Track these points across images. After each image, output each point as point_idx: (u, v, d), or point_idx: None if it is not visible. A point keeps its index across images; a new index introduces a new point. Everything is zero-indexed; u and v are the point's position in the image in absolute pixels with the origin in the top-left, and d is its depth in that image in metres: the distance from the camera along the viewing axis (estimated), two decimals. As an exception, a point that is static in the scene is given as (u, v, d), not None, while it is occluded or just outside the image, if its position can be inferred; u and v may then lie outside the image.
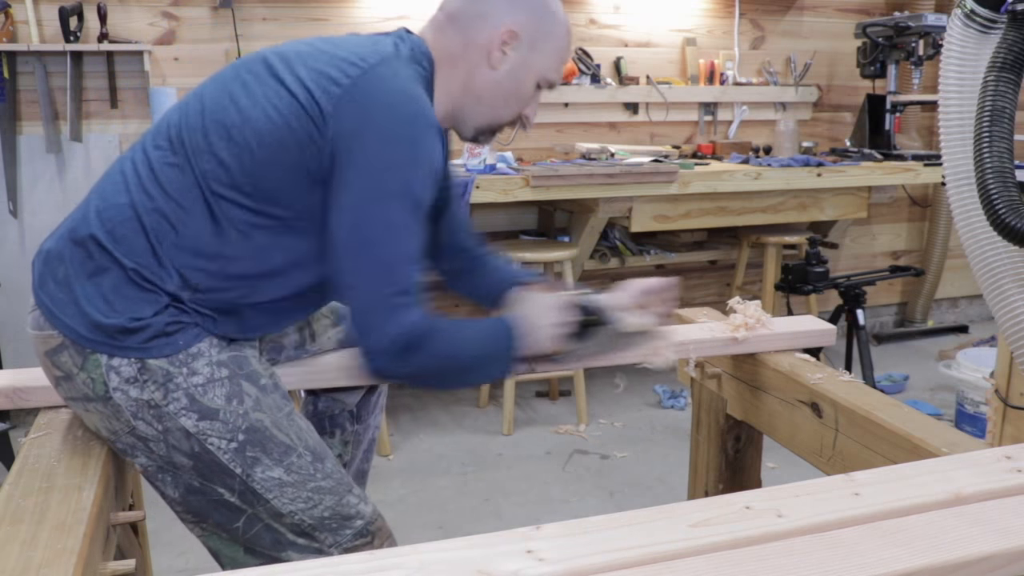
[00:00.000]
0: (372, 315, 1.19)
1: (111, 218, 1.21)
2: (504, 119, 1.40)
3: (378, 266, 1.19)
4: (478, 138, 1.42)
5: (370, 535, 1.29)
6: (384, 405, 1.71)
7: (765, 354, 1.70)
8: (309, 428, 1.30)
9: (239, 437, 1.21)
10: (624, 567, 0.87)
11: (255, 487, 1.22)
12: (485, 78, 1.34)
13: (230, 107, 1.22)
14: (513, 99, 1.37)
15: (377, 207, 1.18)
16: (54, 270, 1.23)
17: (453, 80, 1.34)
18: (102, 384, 1.19)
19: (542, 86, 1.38)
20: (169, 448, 1.21)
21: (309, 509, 1.25)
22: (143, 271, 1.20)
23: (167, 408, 1.20)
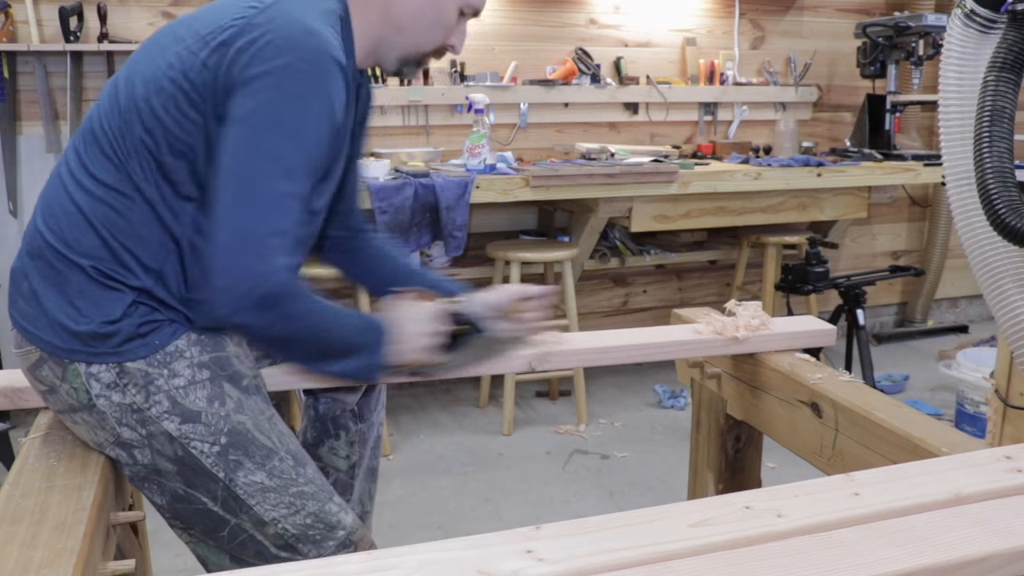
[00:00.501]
0: (238, 251, 1.12)
1: (58, 222, 1.21)
2: (427, 47, 1.36)
3: (255, 199, 1.13)
4: (402, 70, 1.38)
5: (352, 545, 1.28)
6: (385, 401, 1.71)
7: (765, 354, 1.70)
8: (289, 433, 1.29)
9: (221, 440, 1.21)
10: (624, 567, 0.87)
11: (238, 492, 1.22)
12: (405, 5, 1.30)
13: (137, 81, 1.21)
14: (436, 26, 1.33)
15: (264, 138, 1.14)
16: (19, 287, 1.23)
17: (370, 10, 1.30)
18: (85, 392, 1.19)
19: (466, 12, 1.35)
20: (154, 454, 1.21)
21: (291, 515, 1.24)
22: (101, 267, 1.19)
23: (149, 412, 1.19)
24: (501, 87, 3.61)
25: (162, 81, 1.18)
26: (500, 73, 3.64)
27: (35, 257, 1.22)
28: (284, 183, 1.15)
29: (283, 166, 1.15)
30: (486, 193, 2.99)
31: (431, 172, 3.03)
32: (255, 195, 1.14)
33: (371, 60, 1.36)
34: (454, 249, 3.02)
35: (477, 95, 3.16)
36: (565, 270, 3.24)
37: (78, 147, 1.25)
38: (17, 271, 1.24)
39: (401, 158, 3.31)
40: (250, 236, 1.13)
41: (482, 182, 2.98)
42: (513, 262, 3.16)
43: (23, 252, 1.25)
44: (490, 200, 3.02)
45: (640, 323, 4.08)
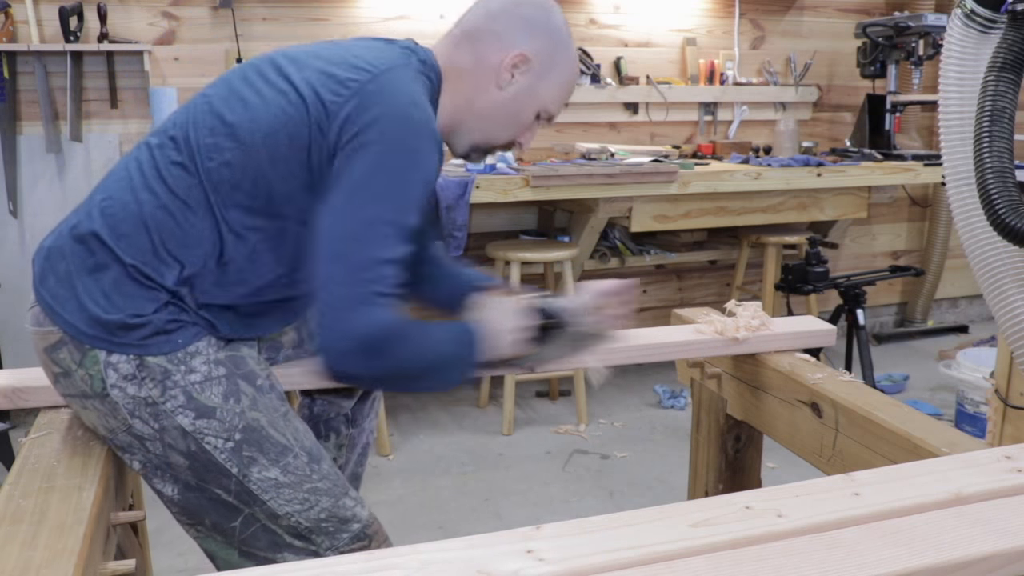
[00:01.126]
0: (342, 311, 1.15)
1: (114, 215, 1.22)
2: (499, 141, 1.40)
3: (357, 262, 1.16)
4: (470, 155, 1.42)
5: (367, 539, 1.29)
6: (379, 410, 1.72)
7: (765, 354, 1.70)
8: (306, 429, 1.30)
9: (235, 436, 1.21)
10: (624, 567, 0.87)
11: (251, 487, 1.22)
12: (490, 97, 1.34)
13: (237, 106, 1.23)
14: (513, 123, 1.37)
15: (366, 206, 1.17)
16: (55, 266, 1.23)
17: (458, 95, 1.34)
18: (100, 381, 1.19)
19: (542, 117, 1.39)
20: (165, 447, 1.21)
21: (305, 511, 1.24)
22: (144, 268, 1.20)
23: (164, 406, 1.20)
24: (501, 87, 3.60)
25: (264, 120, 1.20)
26: (500, 73, 3.63)
27: (79, 240, 1.22)
28: (385, 247, 1.18)
29: (386, 231, 1.18)
30: (486, 193, 2.99)
31: (431, 172, 3.02)
32: (355, 260, 1.16)
33: (444, 138, 1.39)
34: (454, 249, 3.02)
35: (477, 95, 3.15)
36: (565, 270, 3.24)
37: (154, 148, 1.26)
38: (55, 250, 1.24)
39: (401, 158, 3.30)
40: (352, 296, 1.15)
41: (482, 182, 2.98)
42: (513, 262, 3.16)
43: (66, 230, 1.24)
44: (490, 200, 3.02)
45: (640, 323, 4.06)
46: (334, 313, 1.16)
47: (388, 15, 3.50)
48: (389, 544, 1.34)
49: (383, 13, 3.50)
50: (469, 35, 1.34)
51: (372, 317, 1.16)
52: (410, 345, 1.21)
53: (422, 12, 3.53)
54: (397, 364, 1.21)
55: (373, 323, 1.16)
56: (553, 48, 1.34)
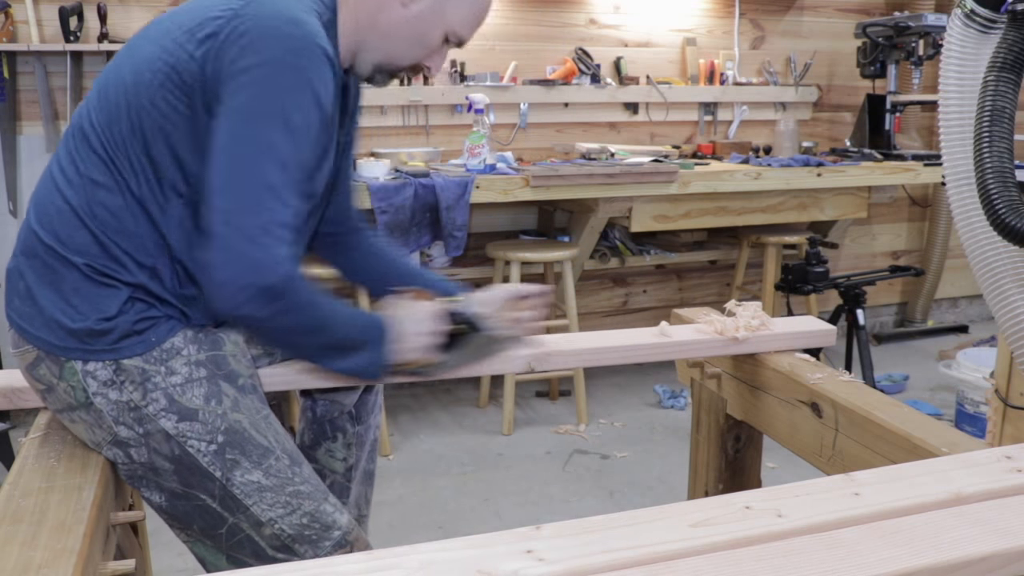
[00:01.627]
0: (236, 244, 1.12)
1: (50, 220, 1.21)
2: (404, 61, 1.35)
3: (251, 191, 1.12)
4: (374, 77, 1.38)
5: (348, 545, 1.28)
6: (383, 404, 1.71)
7: (765, 354, 1.70)
8: (285, 433, 1.30)
9: (218, 438, 1.21)
10: (624, 567, 0.87)
11: (235, 492, 1.22)
12: (393, 14, 1.30)
13: (124, 75, 1.21)
14: (418, 43, 1.33)
15: (254, 129, 1.13)
16: (15, 285, 1.23)
17: (360, 12, 1.30)
18: (82, 391, 1.19)
19: (450, 40, 1.35)
20: (151, 452, 1.21)
21: (288, 515, 1.24)
22: (94, 264, 1.19)
23: (147, 409, 1.19)
24: (501, 87, 3.61)
25: (149, 74, 1.18)
26: (500, 73, 3.64)
27: (30, 256, 1.22)
28: (278, 173, 1.14)
29: (276, 156, 1.14)
30: (486, 193, 2.99)
31: (431, 172, 3.03)
32: (250, 186, 1.13)
33: (349, 60, 1.35)
34: (454, 249, 3.02)
35: (477, 95, 3.16)
36: (565, 270, 3.24)
37: (68, 144, 1.25)
38: (12, 271, 1.25)
39: (401, 158, 3.31)
40: (248, 228, 1.12)
41: (482, 182, 2.98)
42: (513, 262, 3.16)
43: (17, 251, 1.25)
44: (490, 200, 3.02)
45: (640, 323, 4.08)
46: (229, 247, 1.12)
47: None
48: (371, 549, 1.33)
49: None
50: None
51: (273, 251, 1.12)
52: (314, 305, 1.19)
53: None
54: (296, 320, 1.18)
55: (274, 259, 1.12)
56: None
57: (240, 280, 1.12)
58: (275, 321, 1.18)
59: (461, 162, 3.18)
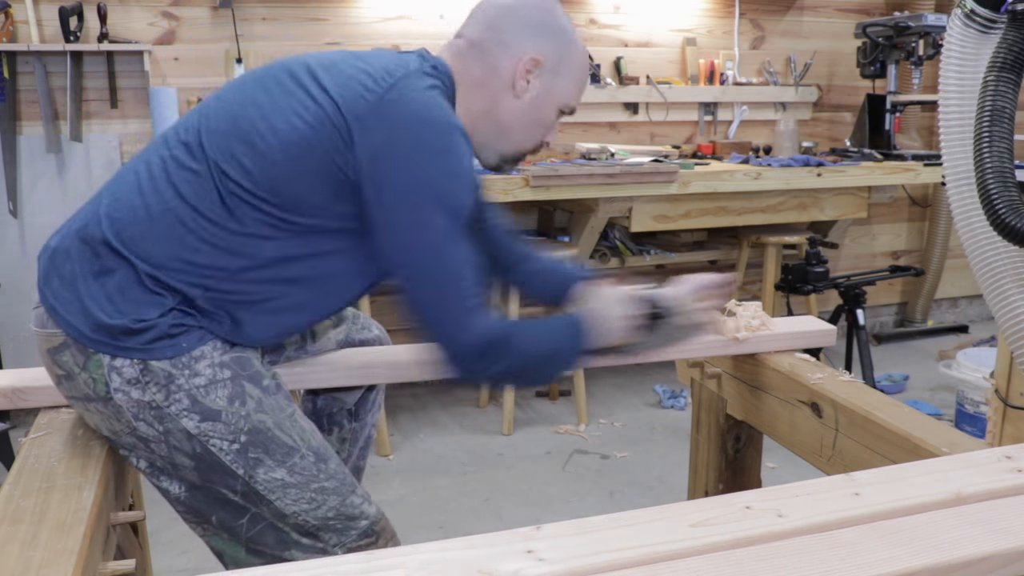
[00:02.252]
0: (448, 326, 1.21)
1: (122, 219, 1.21)
2: (528, 146, 1.41)
3: (441, 281, 1.20)
4: (502, 166, 1.43)
5: (375, 535, 1.29)
6: (382, 404, 1.71)
7: (765, 354, 1.70)
8: (313, 429, 1.30)
9: (241, 438, 1.21)
10: (624, 567, 0.87)
11: (258, 488, 1.22)
12: (509, 107, 1.34)
13: (254, 114, 1.22)
14: (536, 126, 1.38)
15: (424, 223, 1.18)
16: (60, 267, 1.22)
17: (474, 106, 1.34)
18: (103, 385, 1.19)
19: (564, 111, 1.39)
20: (170, 449, 1.21)
21: (313, 510, 1.24)
22: (153, 272, 1.19)
23: (168, 409, 1.19)
24: (501, 87, 3.60)
25: (284, 129, 1.19)
26: (500, 73, 3.63)
27: (86, 242, 1.21)
28: (454, 250, 1.20)
29: (449, 235, 1.20)
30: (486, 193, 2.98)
31: (431, 172, 3.02)
32: (439, 281, 1.20)
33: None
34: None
35: (477, 95, 3.15)
36: (565, 270, 3.23)
37: (163, 151, 1.25)
38: (60, 251, 1.23)
39: (401, 158, 3.30)
40: (450, 311, 1.21)
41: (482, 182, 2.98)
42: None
43: (73, 232, 1.23)
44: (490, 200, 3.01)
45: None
46: (443, 330, 1.22)
47: (388, 15, 3.50)
48: (397, 539, 1.35)
49: (383, 13, 3.50)
50: (474, 45, 1.32)
51: (480, 321, 1.22)
52: (525, 339, 1.26)
53: (422, 12, 3.53)
54: (518, 359, 1.25)
55: (483, 326, 1.21)
56: (561, 44, 1.34)
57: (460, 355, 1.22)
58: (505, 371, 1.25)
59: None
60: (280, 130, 1.19)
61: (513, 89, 1.32)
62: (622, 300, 1.37)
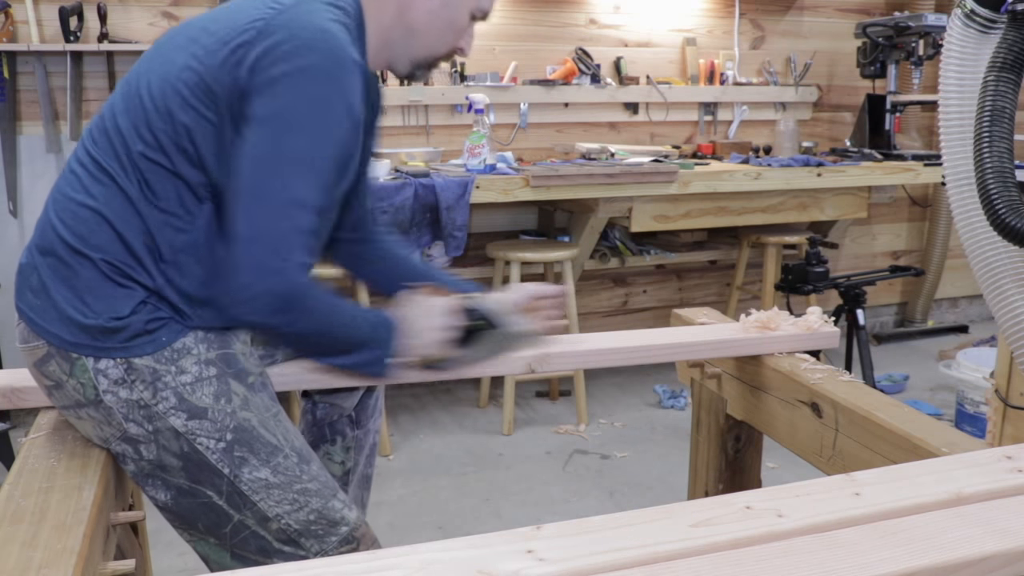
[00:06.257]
0: (258, 250, 1.14)
1: (72, 216, 1.21)
2: (440, 51, 1.38)
3: (276, 199, 1.14)
4: (415, 73, 1.40)
5: (355, 541, 1.29)
6: (383, 408, 1.71)
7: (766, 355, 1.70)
8: (295, 430, 1.30)
9: (227, 436, 1.21)
10: (624, 567, 0.87)
11: (242, 488, 1.22)
12: (420, 8, 1.32)
13: (152, 81, 1.21)
14: (449, 30, 1.35)
15: (284, 139, 1.15)
16: (29, 280, 1.23)
17: (384, 13, 1.32)
18: (92, 388, 1.19)
19: (476, 16, 1.37)
20: (159, 449, 1.21)
21: (295, 512, 1.24)
22: (115, 263, 1.19)
23: (156, 407, 1.20)
24: (501, 87, 3.61)
25: (177, 82, 1.19)
26: (500, 73, 3.64)
27: (46, 253, 1.22)
28: (303, 184, 1.16)
29: (304, 168, 1.16)
30: (486, 193, 2.99)
31: (431, 172, 3.03)
32: (275, 195, 1.15)
33: (382, 62, 1.38)
34: (454, 249, 3.02)
35: (477, 95, 3.16)
36: (565, 270, 3.24)
37: (88, 144, 1.25)
38: (27, 265, 1.24)
39: (401, 158, 3.31)
40: (270, 235, 1.15)
41: (482, 182, 2.98)
42: (513, 262, 3.16)
43: (33, 247, 1.24)
44: (490, 200, 3.02)
45: (640, 323, 4.08)
46: (251, 252, 1.15)
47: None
48: (378, 547, 1.32)
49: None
50: None
51: (291, 265, 1.15)
52: (324, 311, 1.21)
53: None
54: (307, 326, 1.20)
55: (290, 270, 1.15)
56: None
57: (257, 286, 1.15)
58: (285, 327, 1.21)
59: (461, 162, 3.18)
60: (174, 81, 1.19)
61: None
62: (439, 311, 1.33)
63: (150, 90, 1.21)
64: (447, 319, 1.33)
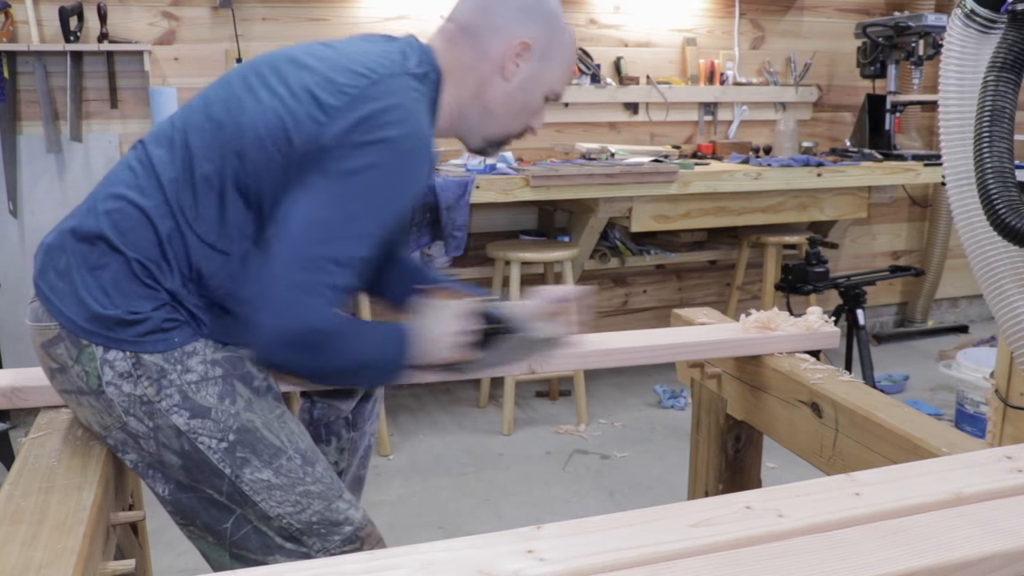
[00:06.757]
0: (288, 297, 1.14)
1: (117, 211, 1.22)
2: (514, 131, 1.41)
3: (322, 253, 1.15)
4: (486, 150, 1.43)
5: (359, 541, 1.28)
6: (380, 412, 1.71)
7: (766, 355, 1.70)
8: (301, 432, 1.30)
9: (229, 437, 1.21)
10: (624, 567, 0.87)
11: (243, 488, 1.22)
12: (497, 90, 1.34)
13: (235, 109, 1.23)
14: (523, 111, 1.38)
15: (353, 201, 1.16)
16: (55, 260, 1.23)
17: (463, 90, 1.34)
18: (96, 377, 1.19)
19: (550, 98, 1.39)
20: (159, 445, 1.21)
21: (297, 513, 1.24)
22: (147, 265, 1.20)
23: (159, 405, 1.20)
24: (501, 87, 3.60)
25: (258, 122, 1.20)
26: (500, 73, 3.63)
27: (82, 239, 1.22)
28: (354, 247, 1.17)
29: (360, 232, 1.17)
30: (486, 193, 2.99)
31: (431, 172, 3.02)
32: (322, 250, 1.15)
33: (451, 132, 1.39)
34: (454, 249, 3.01)
35: (477, 95, 3.15)
36: (565, 270, 3.24)
37: (152, 147, 1.26)
38: (55, 246, 1.24)
39: (401, 158, 3.30)
40: (303, 281, 1.14)
41: (482, 182, 2.98)
42: (513, 262, 3.16)
43: (68, 229, 1.24)
44: (490, 200, 3.02)
45: (640, 323, 4.08)
46: (277, 290, 1.14)
47: (388, 15, 3.50)
48: (383, 546, 1.32)
49: (383, 13, 3.50)
50: (465, 29, 1.33)
51: (314, 313, 1.15)
52: (343, 345, 1.20)
53: (422, 12, 3.52)
54: (325, 364, 1.20)
55: (317, 317, 1.15)
56: (550, 29, 1.34)
57: (284, 329, 1.14)
58: (303, 366, 1.20)
59: (461, 162, 3.18)
60: (258, 123, 1.20)
61: (502, 73, 1.33)
62: (455, 315, 1.32)
63: (230, 119, 1.21)
64: (463, 322, 1.33)
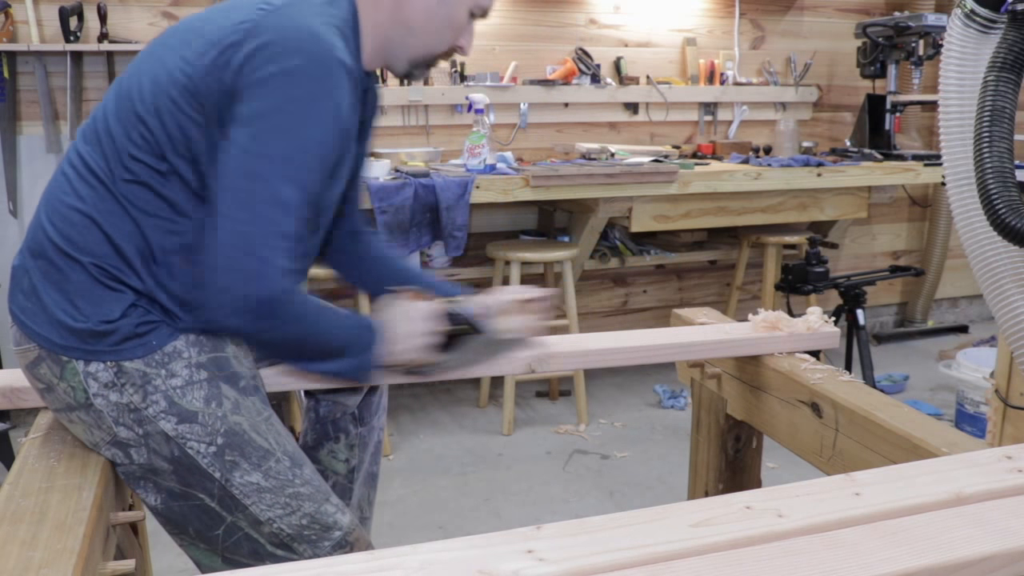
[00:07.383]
0: (239, 253, 1.13)
1: (62, 219, 1.21)
2: (438, 49, 1.36)
3: (258, 202, 1.13)
4: (412, 72, 1.38)
5: (348, 546, 1.28)
6: (386, 406, 1.70)
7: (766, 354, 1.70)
8: (287, 434, 1.29)
9: (218, 440, 1.21)
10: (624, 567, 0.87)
11: (234, 492, 1.22)
12: (416, 6, 1.30)
13: (143, 83, 1.21)
14: (446, 27, 1.33)
15: (268, 141, 1.14)
16: (20, 282, 1.23)
17: (380, 11, 1.30)
18: (82, 392, 1.19)
19: (476, 13, 1.35)
20: (150, 453, 1.21)
21: (287, 516, 1.24)
22: (105, 267, 1.19)
23: (146, 411, 1.19)
24: (501, 87, 3.61)
25: (167, 85, 1.18)
26: (500, 73, 3.64)
27: (37, 256, 1.22)
28: (287, 187, 1.15)
29: (287, 170, 1.15)
30: (486, 193, 2.99)
31: (431, 172, 3.03)
32: (258, 197, 1.14)
33: (379, 61, 1.36)
34: (454, 249, 3.02)
35: (477, 95, 3.16)
36: (565, 270, 3.24)
37: (80, 146, 1.25)
38: (18, 268, 1.24)
39: (401, 158, 3.31)
40: (252, 238, 1.13)
41: (482, 182, 2.98)
42: (513, 262, 3.16)
43: (24, 250, 1.24)
44: (490, 200, 3.02)
45: (640, 323, 4.08)
46: (232, 255, 1.13)
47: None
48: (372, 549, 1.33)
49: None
50: None
51: (272, 269, 1.13)
52: (305, 319, 1.20)
53: None
54: (287, 332, 1.19)
55: (272, 278, 1.14)
56: None
57: (236, 290, 1.14)
58: (264, 334, 1.20)
59: (461, 162, 3.18)
60: (164, 83, 1.18)
61: None
62: (420, 315, 1.31)
63: (141, 93, 1.20)
64: (428, 324, 1.32)
